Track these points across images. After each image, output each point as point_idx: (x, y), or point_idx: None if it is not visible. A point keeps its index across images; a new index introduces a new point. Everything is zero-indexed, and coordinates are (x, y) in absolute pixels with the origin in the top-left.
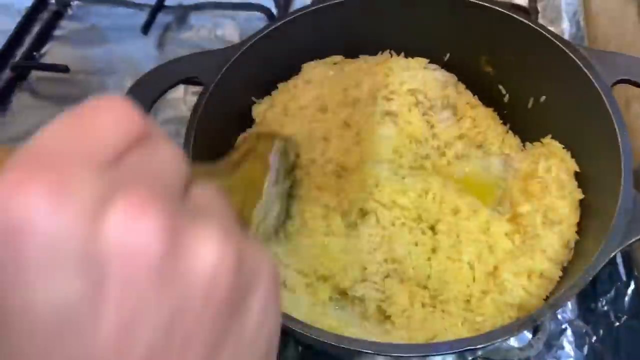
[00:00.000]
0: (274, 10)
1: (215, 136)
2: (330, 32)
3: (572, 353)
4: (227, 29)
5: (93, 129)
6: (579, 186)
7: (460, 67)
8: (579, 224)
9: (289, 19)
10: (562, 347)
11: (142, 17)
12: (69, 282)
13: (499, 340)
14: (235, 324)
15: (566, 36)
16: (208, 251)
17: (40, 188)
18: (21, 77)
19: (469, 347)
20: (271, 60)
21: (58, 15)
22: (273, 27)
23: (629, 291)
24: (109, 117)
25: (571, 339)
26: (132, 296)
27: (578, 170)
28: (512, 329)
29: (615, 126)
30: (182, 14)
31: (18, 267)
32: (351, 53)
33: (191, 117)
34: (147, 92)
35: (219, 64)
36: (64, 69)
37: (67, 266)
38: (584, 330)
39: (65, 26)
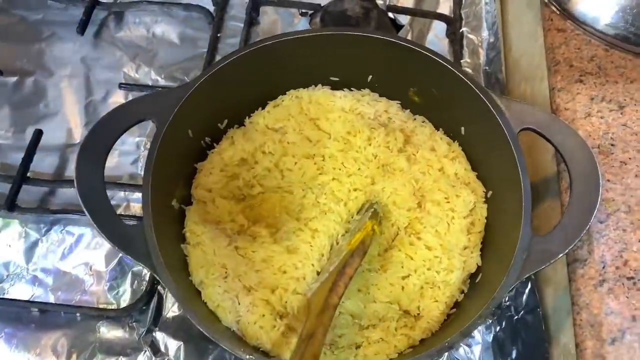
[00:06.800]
0: (212, 9)
1: (174, 167)
2: (273, 70)
3: (480, 339)
4: (165, 28)
5: None
6: (488, 215)
7: (391, 95)
8: (482, 250)
9: (234, 58)
10: (472, 336)
11: (74, 11)
12: None
13: None
14: None
15: (485, 45)
16: None
17: None
18: None
19: None
20: (221, 97)
21: None
22: (221, 65)
23: (526, 290)
24: None
25: (480, 327)
26: None
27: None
28: (431, 355)
29: (519, 171)
30: (117, 11)
31: None
32: (297, 86)
33: (149, 155)
34: (108, 132)
35: (172, 105)
36: None
37: None
38: (490, 321)
39: None
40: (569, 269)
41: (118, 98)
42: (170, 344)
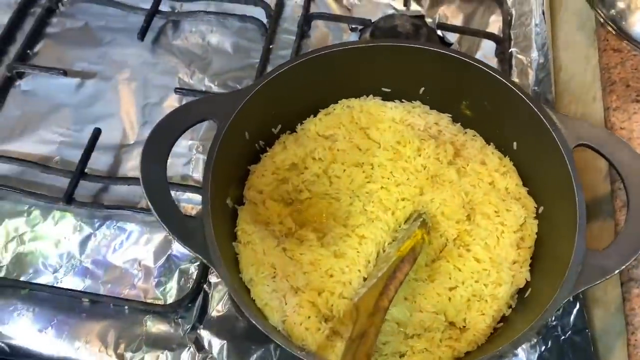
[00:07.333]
0: (265, 21)
1: (230, 167)
2: (326, 79)
3: (524, 359)
4: (219, 38)
5: None
6: (538, 231)
7: (443, 108)
8: (531, 265)
9: (289, 66)
10: (516, 354)
11: (135, 19)
12: None
13: None
14: None
15: (534, 65)
16: None
17: None
18: (17, 77)
19: None
20: (276, 102)
21: (50, 12)
22: (278, 72)
23: (574, 311)
24: None
25: (525, 346)
26: None
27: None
28: None
29: (574, 187)
30: (175, 19)
31: None
32: (348, 95)
33: (209, 153)
34: (172, 129)
35: (232, 106)
36: (63, 73)
37: None
38: (535, 340)
39: (57, 24)
40: (623, 288)
41: (172, 102)
42: (214, 342)
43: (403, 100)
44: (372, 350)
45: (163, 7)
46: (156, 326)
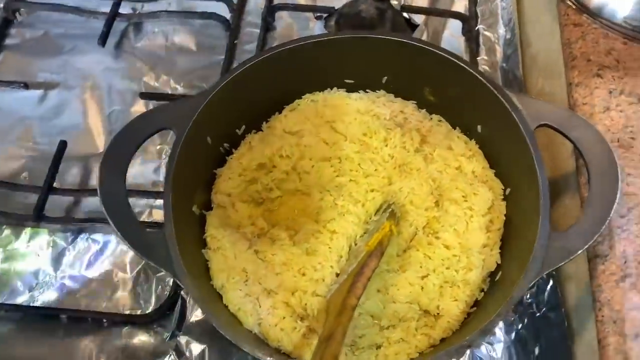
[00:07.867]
0: (228, 16)
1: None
2: (288, 75)
3: (502, 338)
4: (183, 36)
5: None
6: (507, 212)
7: (407, 95)
8: (501, 248)
9: (249, 65)
10: (494, 334)
11: (95, 24)
12: None
13: None
14: None
15: (501, 41)
16: None
17: None
18: None
19: None
20: (238, 103)
21: (7, 23)
22: (236, 73)
23: (548, 287)
24: None
25: (501, 325)
26: None
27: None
28: (450, 353)
29: (536, 167)
30: (137, 22)
31: None
32: (312, 89)
33: (168, 163)
34: (129, 142)
35: (190, 113)
36: (24, 86)
37: None
38: (512, 319)
39: (16, 34)
40: (590, 265)
41: (139, 107)
42: (194, 348)
43: (367, 90)
44: (339, 351)
45: (123, 10)
46: (136, 337)
